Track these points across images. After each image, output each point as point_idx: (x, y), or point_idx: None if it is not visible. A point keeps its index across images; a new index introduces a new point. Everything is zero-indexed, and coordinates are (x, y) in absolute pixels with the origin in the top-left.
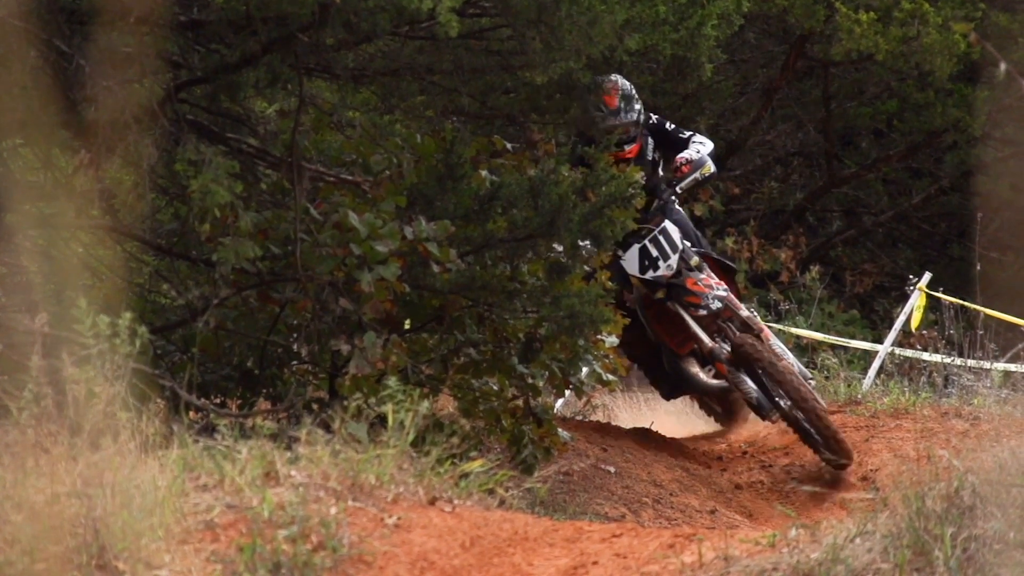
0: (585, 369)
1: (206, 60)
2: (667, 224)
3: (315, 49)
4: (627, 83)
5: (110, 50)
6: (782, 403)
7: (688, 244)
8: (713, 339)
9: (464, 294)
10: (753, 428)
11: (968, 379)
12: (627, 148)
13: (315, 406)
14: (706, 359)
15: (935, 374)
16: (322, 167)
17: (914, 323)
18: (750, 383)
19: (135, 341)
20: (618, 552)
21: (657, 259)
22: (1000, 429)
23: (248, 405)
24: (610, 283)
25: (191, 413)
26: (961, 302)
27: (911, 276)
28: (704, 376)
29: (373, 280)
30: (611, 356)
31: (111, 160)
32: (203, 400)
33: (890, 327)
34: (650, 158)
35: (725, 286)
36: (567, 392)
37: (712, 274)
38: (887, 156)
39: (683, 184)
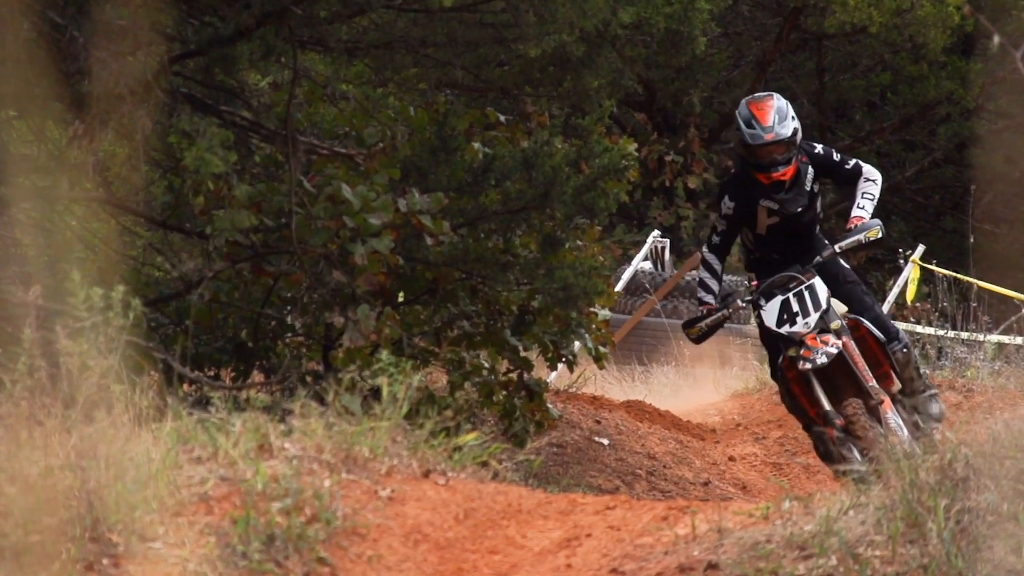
0: (577, 343)
1: (200, 33)
2: (816, 281)
3: (309, 22)
4: (784, 101)
5: (105, 22)
6: None
7: (834, 307)
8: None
9: (457, 266)
10: (746, 400)
11: (961, 351)
12: (780, 169)
13: (309, 378)
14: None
15: (928, 346)
16: (316, 140)
17: (909, 296)
18: (855, 454)
19: (129, 314)
20: (612, 524)
21: (796, 314)
22: (993, 401)
23: (242, 377)
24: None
25: (185, 385)
26: (955, 274)
27: (902, 249)
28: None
29: (367, 252)
30: (604, 329)
31: (105, 133)
32: (197, 372)
33: (884, 299)
34: (808, 188)
35: (839, 345)
36: (559, 365)
37: (843, 340)
38: (880, 128)
39: (844, 244)
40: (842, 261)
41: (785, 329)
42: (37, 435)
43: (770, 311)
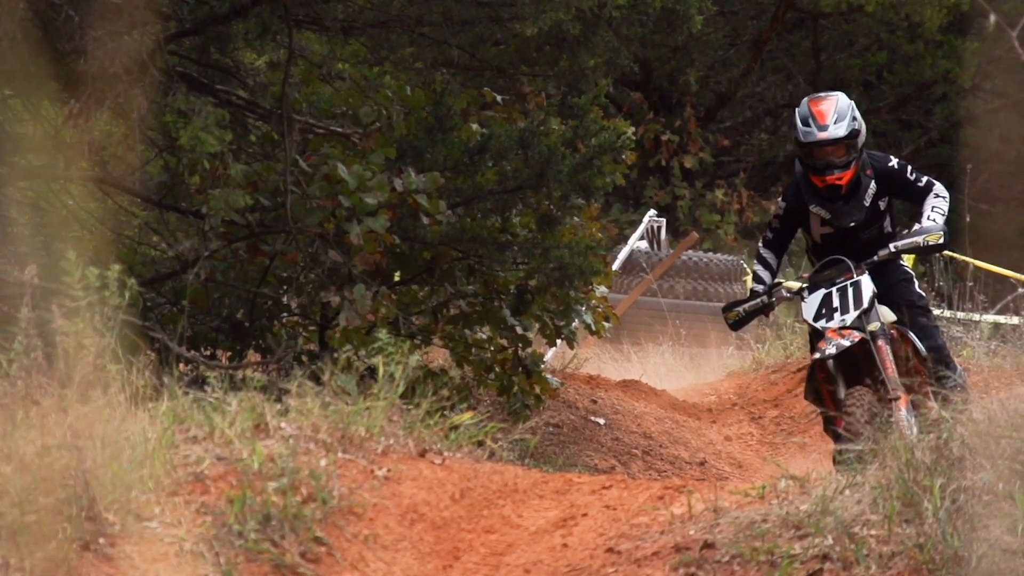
0: (576, 321)
1: (196, 12)
2: (864, 279)
3: (305, 1)
4: (848, 101)
5: (100, 2)
6: None
7: (879, 311)
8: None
9: (454, 246)
10: (742, 380)
11: (957, 331)
12: (836, 172)
13: (305, 358)
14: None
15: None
16: (312, 119)
17: None
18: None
19: (125, 293)
20: (608, 504)
21: (835, 310)
22: (989, 381)
23: (238, 357)
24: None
25: (181, 365)
26: (951, 254)
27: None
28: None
29: (363, 232)
30: (603, 305)
31: (101, 112)
32: (193, 352)
33: None
34: (867, 203)
35: (854, 338)
36: (557, 342)
37: (879, 343)
38: (877, 108)
39: (901, 244)
40: (916, 287)
41: (820, 324)
42: (33, 415)
43: (810, 303)
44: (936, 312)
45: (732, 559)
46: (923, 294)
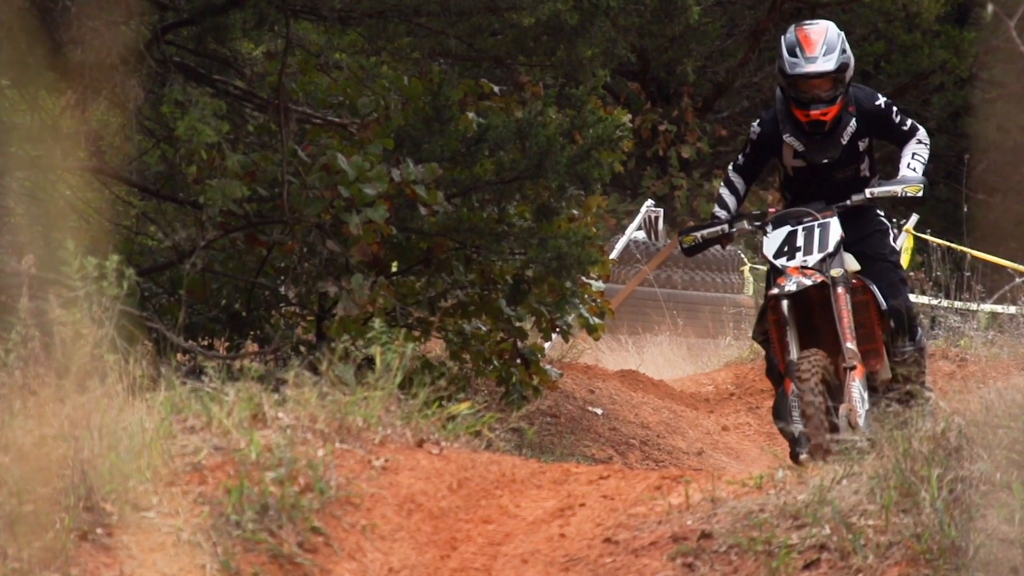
0: (572, 314)
1: (193, 2)
2: (832, 222)
3: None
4: (837, 31)
5: None
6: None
7: (844, 258)
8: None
9: (451, 236)
10: (739, 370)
11: (955, 321)
12: (821, 107)
13: (302, 348)
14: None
15: (922, 316)
16: (309, 109)
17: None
18: (796, 418)
19: (122, 283)
20: (605, 494)
21: (798, 249)
22: (987, 370)
23: (236, 347)
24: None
25: (179, 355)
26: (948, 244)
27: (896, 219)
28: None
29: (361, 222)
30: (599, 300)
31: (97, 102)
32: (191, 342)
33: None
34: (845, 141)
35: (816, 279)
36: (554, 335)
37: (838, 290)
38: None
39: (878, 191)
40: (891, 240)
41: (780, 262)
42: (30, 405)
43: (773, 239)
44: (934, 302)
45: (729, 549)
46: (896, 248)
